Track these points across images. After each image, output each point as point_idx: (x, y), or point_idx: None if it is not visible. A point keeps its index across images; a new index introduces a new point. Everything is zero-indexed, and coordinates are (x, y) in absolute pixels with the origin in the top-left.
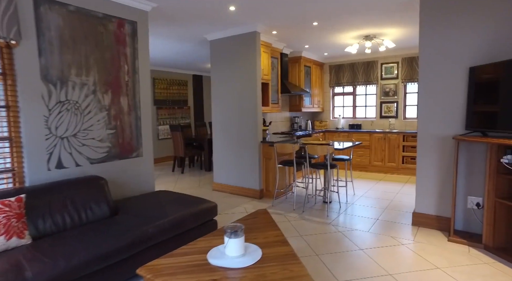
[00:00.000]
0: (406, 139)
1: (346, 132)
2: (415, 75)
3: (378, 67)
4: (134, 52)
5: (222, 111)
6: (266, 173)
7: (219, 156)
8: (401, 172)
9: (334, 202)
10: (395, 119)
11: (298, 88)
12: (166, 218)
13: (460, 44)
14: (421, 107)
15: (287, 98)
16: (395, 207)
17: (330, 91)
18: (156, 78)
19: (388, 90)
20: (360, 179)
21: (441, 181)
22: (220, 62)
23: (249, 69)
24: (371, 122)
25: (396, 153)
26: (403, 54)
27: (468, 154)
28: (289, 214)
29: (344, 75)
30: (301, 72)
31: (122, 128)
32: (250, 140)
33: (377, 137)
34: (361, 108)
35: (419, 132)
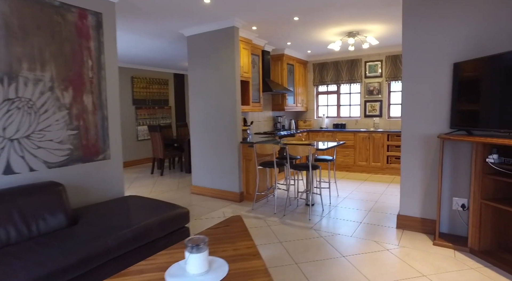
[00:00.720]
0: (391, 138)
1: (330, 131)
2: (399, 74)
3: (362, 65)
4: (100, 46)
5: (200, 111)
6: (246, 175)
7: (198, 158)
8: (386, 172)
9: (317, 205)
10: (380, 118)
11: (281, 87)
12: (129, 227)
13: (445, 39)
14: (405, 105)
15: (270, 97)
16: (380, 209)
17: (314, 90)
18: (135, 76)
19: (372, 89)
20: (344, 179)
21: (426, 182)
22: (198, 59)
23: (228, 66)
24: (356, 121)
25: (381, 152)
26: (387, 52)
27: (453, 154)
28: (270, 218)
29: (328, 73)
30: (284, 70)
31: (86, 128)
32: (230, 140)
33: (361, 136)
34: (346, 107)
35: (403, 131)
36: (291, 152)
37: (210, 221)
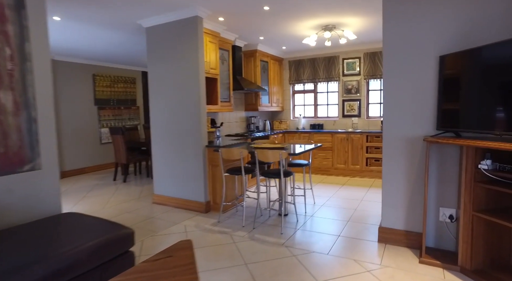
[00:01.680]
0: (370, 139)
1: (307, 132)
2: (378, 71)
3: (340, 63)
4: (22, 31)
5: (161, 111)
6: (213, 183)
7: (159, 164)
8: (365, 175)
9: (291, 214)
10: (358, 118)
11: (254, 85)
12: (46, 260)
13: (430, 28)
14: (387, 105)
15: (242, 96)
16: (359, 219)
17: (290, 89)
18: (97, 74)
19: (350, 87)
20: (322, 184)
21: (410, 190)
22: (158, 53)
23: (191, 61)
24: (334, 121)
25: (360, 154)
26: (365, 49)
27: (440, 159)
28: (237, 233)
29: (305, 71)
30: (257, 68)
31: (4, 133)
32: (194, 144)
33: (339, 137)
34: (323, 107)
35: (385, 134)
36: (261, 157)
37: (168, 238)
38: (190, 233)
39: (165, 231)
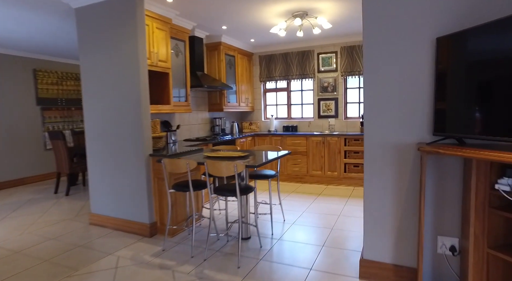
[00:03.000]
0: (348, 143)
1: (280, 135)
2: (356, 67)
3: (315, 58)
4: None
5: (95, 112)
6: (160, 200)
7: (96, 177)
8: (344, 183)
9: (254, 238)
10: (335, 119)
11: (218, 82)
12: None
13: (424, 2)
14: (369, 104)
15: (205, 95)
16: (337, 242)
17: (261, 87)
18: (39, 70)
19: (326, 85)
20: (295, 194)
21: (399, 213)
22: (91, 41)
23: (128, 50)
24: (309, 122)
25: (337, 160)
26: (342, 42)
27: (437, 173)
28: (182, 268)
29: (277, 67)
30: (222, 62)
31: None
32: (134, 152)
33: (315, 141)
34: (297, 107)
35: (367, 140)
36: (211, 170)
37: (91, 277)
38: (122, 270)
39: (90, 267)
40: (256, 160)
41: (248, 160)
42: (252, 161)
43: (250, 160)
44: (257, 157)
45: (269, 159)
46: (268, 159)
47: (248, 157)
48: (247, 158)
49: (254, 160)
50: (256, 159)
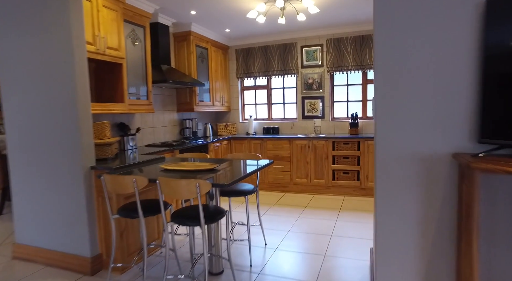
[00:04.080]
0: (337, 146)
1: (259, 138)
2: (344, 62)
3: (298, 51)
4: None
5: (20, 112)
6: (106, 226)
7: (21, 197)
8: (332, 192)
9: (227, 271)
10: (321, 120)
11: (188, 78)
12: None
13: None
14: (383, 100)
15: (173, 92)
16: (333, 276)
17: (238, 84)
18: None
19: (311, 82)
20: (277, 207)
21: (426, 254)
22: (9, 19)
23: (59, 32)
24: (292, 124)
25: (325, 166)
26: (329, 33)
27: (484, 196)
28: None
29: (256, 62)
30: (192, 55)
31: None
32: (69, 165)
33: (299, 144)
34: (279, 106)
35: (379, 150)
36: (166, 192)
37: None
38: None
39: None
40: (229, 173)
41: (219, 174)
42: (223, 178)
43: (222, 173)
44: (231, 168)
45: (247, 173)
46: (246, 172)
47: (219, 170)
48: (217, 171)
49: (227, 176)
50: (229, 172)
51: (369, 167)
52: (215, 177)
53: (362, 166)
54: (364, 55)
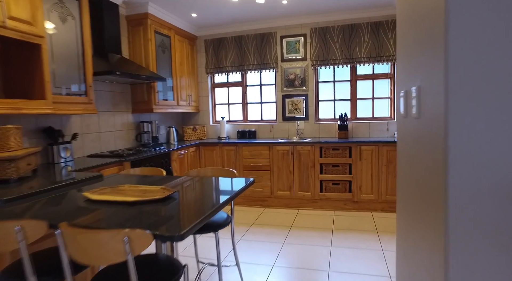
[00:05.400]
0: (325, 153)
1: (233, 144)
2: (330, 55)
3: (277, 43)
4: None
5: None
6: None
7: None
8: (320, 206)
9: None
10: (305, 122)
11: (145, 71)
12: None
13: None
14: (462, 88)
15: (126, 89)
16: None
17: (208, 81)
18: None
19: (293, 78)
20: (256, 229)
21: None
22: None
23: None
24: (271, 126)
25: (311, 176)
26: (313, 22)
27: None
28: None
29: (228, 55)
30: (150, 44)
31: None
32: None
33: (280, 151)
34: (255, 106)
35: (455, 176)
36: (75, 254)
37: None
38: None
39: None
40: (191, 205)
41: (173, 208)
42: (179, 216)
43: (179, 206)
44: (195, 194)
45: (217, 206)
46: (218, 201)
47: (176, 199)
48: (172, 200)
49: (185, 213)
50: (192, 202)
51: (362, 176)
52: (165, 217)
53: (354, 175)
54: (353, 47)
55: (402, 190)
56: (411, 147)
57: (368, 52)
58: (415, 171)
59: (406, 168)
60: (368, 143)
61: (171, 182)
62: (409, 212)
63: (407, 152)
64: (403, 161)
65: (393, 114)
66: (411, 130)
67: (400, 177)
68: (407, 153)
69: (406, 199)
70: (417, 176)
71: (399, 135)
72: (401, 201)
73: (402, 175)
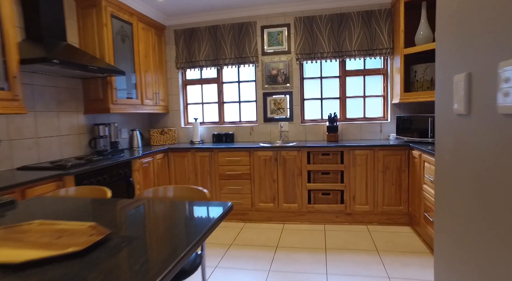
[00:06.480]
0: (314, 158)
1: (208, 149)
2: (317, 47)
3: (258, 33)
4: None
5: None
6: None
7: None
8: (308, 219)
9: None
10: (289, 123)
11: (100, 62)
12: None
13: None
14: None
15: (77, 84)
16: None
17: (179, 77)
18: None
19: (275, 73)
20: (235, 251)
21: None
22: None
23: None
24: (251, 129)
25: (298, 185)
26: (297, 10)
27: None
28: None
29: (202, 47)
30: (105, 30)
31: None
32: None
33: (262, 157)
34: (233, 106)
35: None
36: None
37: None
38: None
39: None
40: (130, 267)
41: (94, 263)
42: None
43: (105, 254)
44: (141, 237)
45: (172, 265)
46: (179, 254)
47: (107, 247)
48: (94, 254)
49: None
50: (133, 257)
51: (356, 185)
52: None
53: (347, 184)
54: (343, 39)
55: (456, 218)
56: (485, 159)
57: (359, 45)
58: (497, 194)
59: (469, 186)
60: (363, 147)
61: (112, 212)
62: (472, 250)
63: (473, 165)
64: (459, 176)
65: (386, 114)
66: (489, 133)
67: (454, 200)
68: (473, 167)
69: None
70: (501, 201)
71: (447, 141)
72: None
73: (459, 197)
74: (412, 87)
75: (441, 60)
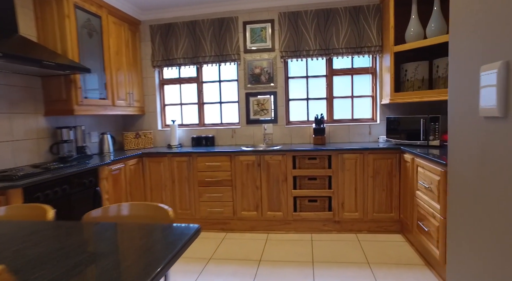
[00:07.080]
0: (299, 163)
1: (186, 154)
2: (303, 44)
3: (240, 29)
4: None
5: None
6: None
7: None
8: (294, 228)
9: None
10: (273, 125)
11: (60, 58)
12: None
13: None
14: None
15: (36, 83)
16: None
17: (155, 76)
18: None
19: (258, 72)
20: (216, 267)
21: None
22: None
23: None
24: (233, 131)
25: (283, 191)
26: (282, 5)
27: None
28: None
29: (180, 44)
30: (67, 22)
31: None
32: None
33: (245, 162)
34: (214, 107)
35: None
36: None
37: None
38: None
39: None
40: None
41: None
42: None
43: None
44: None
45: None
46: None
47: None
48: None
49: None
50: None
51: (345, 191)
52: None
53: (335, 190)
54: (330, 36)
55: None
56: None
57: (347, 42)
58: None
59: (505, 205)
60: (352, 150)
61: (39, 244)
62: None
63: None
64: (488, 190)
65: (376, 115)
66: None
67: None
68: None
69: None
70: None
71: (467, 148)
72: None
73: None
74: (403, 87)
75: (457, 49)
